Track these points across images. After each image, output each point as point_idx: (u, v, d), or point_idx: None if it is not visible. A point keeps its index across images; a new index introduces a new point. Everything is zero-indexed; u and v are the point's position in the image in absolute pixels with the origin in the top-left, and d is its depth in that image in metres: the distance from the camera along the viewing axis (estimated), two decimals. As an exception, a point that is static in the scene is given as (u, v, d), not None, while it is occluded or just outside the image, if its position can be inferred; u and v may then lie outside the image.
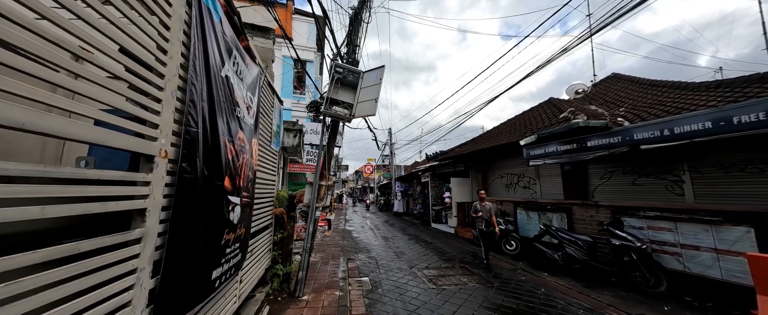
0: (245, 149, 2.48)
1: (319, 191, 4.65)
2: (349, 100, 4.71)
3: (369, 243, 9.25)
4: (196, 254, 1.68)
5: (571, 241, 5.30)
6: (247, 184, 2.61)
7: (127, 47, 1.21)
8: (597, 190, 6.73)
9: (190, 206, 1.61)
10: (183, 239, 1.56)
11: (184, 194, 1.56)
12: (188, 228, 1.60)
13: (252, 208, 2.90)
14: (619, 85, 9.61)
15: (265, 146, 3.87)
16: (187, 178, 1.57)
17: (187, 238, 1.59)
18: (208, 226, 1.81)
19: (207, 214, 1.79)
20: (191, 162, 1.61)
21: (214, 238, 1.92)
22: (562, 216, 6.44)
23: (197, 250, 1.70)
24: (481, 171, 11.29)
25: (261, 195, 3.80)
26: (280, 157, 5.02)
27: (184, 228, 1.56)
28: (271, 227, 4.50)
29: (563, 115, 7.35)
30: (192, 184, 1.62)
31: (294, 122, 5.13)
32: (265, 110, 3.89)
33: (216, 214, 1.92)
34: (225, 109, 2.01)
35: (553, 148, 6.41)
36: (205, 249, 1.78)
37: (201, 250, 1.74)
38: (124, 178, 1.21)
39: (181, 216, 1.54)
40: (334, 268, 6.03)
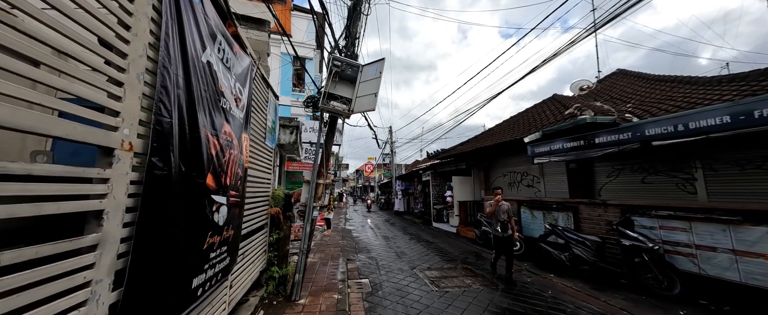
0: (233, 144, 2.28)
1: (317, 190, 4.46)
2: (348, 94, 4.51)
3: (369, 243, 9.07)
4: (171, 261, 1.49)
5: (579, 241, 5.11)
6: (236, 182, 2.41)
7: (78, 20, 1.01)
8: (603, 188, 6.53)
9: (163, 207, 1.41)
10: (154, 245, 1.36)
11: (155, 193, 1.36)
12: (160, 232, 1.40)
13: (242, 208, 2.70)
14: (625, 81, 9.38)
15: (258, 142, 3.68)
16: (158, 175, 1.37)
17: (158, 243, 1.39)
18: (186, 229, 1.61)
19: (185, 216, 1.59)
20: (164, 156, 1.41)
21: (195, 242, 1.73)
22: (568, 215, 6.24)
23: (173, 256, 1.50)
24: (484, 169, 11.09)
25: (254, 194, 3.60)
26: (276, 155, 4.82)
27: (154, 232, 1.36)
28: (266, 228, 4.31)
29: (569, 111, 7.14)
30: (165, 181, 1.42)
31: (291, 118, 4.93)
32: (259, 105, 3.69)
33: (196, 215, 1.72)
34: (207, 98, 1.81)
35: (559, 146, 6.19)
36: (182, 254, 1.59)
37: (177, 256, 1.54)
38: (73, 175, 1.01)
39: (151, 218, 1.34)
40: (333, 269, 5.84)
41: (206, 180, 1.79)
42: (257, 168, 3.67)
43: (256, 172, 3.60)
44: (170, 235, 1.47)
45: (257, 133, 3.63)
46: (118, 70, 1.18)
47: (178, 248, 1.54)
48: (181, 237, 1.56)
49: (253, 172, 3.49)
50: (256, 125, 3.57)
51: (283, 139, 4.82)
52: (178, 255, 1.55)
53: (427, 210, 15.11)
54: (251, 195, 3.49)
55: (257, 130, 3.63)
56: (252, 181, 3.44)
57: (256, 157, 3.59)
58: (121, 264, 1.22)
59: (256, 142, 3.56)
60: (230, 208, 2.25)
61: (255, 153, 3.54)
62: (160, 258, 1.41)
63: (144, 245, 1.30)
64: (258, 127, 3.67)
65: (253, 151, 3.46)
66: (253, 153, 3.46)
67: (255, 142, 3.53)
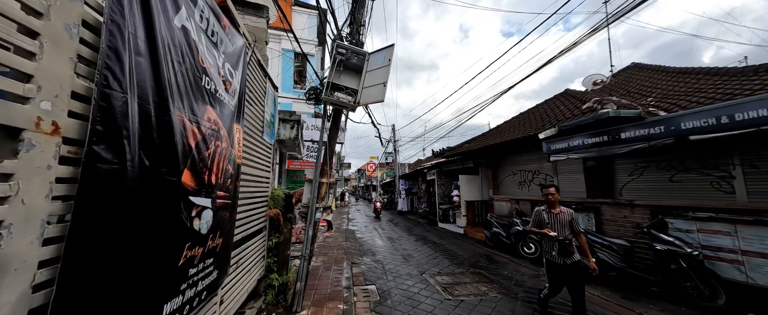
0: (220, 135, 1.90)
1: (320, 189, 4.07)
2: (354, 85, 4.11)
3: (374, 245, 8.68)
4: (123, 287, 1.10)
5: (605, 245, 4.70)
6: (226, 181, 2.03)
7: None
8: (625, 187, 6.10)
9: (112, 214, 1.03)
10: (96, 267, 0.98)
11: (99, 195, 0.98)
12: (107, 249, 1.02)
13: (235, 210, 2.32)
14: (642, 75, 8.94)
15: (254, 137, 3.30)
16: (104, 171, 0.99)
17: (104, 264, 1.01)
18: (151, 243, 1.23)
19: (149, 225, 1.21)
20: (114, 145, 1.02)
21: (166, 259, 1.34)
22: (589, 216, 5.83)
23: (127, 281, 1.12)
24: (492, 168, 10.69)
25: (250, 194, 3.22)
26: (276, 152, 4.44)
27: (97, 250, 0.98)
28: (265, 231, 3.94)
29: (587, 105, 6.71)
30: (116, 179, 1.03)
31: (291, 112, 4.55)
32: (255, 94, 3.30)
33: (167, 223, 1.34)
34: (182, 74, 1.42)
35: (578, 142, 5.78)
36: (145, 277, 1.20)
37: (136, 280, 1.16)
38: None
39: (92, 231, 0.96)
40: (337, 274, 5.46)
41: (182, 177, 1.41)
42: (253, 165, 3.29)
43: (251, 170, 3.22)
44: (124, 252, 1.09)
45: (253, 126, 3.25)
46: (30, 13, 0.79)
47: (136, 269, 1.15)
48: (142, 254, 1.18)
49: (249, 169, 3.10)
50: (251, 117, 3.19)
51: (283, 134, 4.43)
52: (138, 278, 1.16)
53: (432, 210, 14.71)
54: (247, 195, 3.11)
55: (253, 123, 3.25)
56: (247, 179, 3.06)
57: (251, 152, 3.20)
58: (40, 299, 0.84)
59: (251, 136, 3.17)
60: (218, 211, 1.87)
61: (250, 148, 3.16)
62: (107, 284, 1.03)
63: (78, 269, 0.92)
64: (254, 119, 3.29)
65: (248, 145, 3.08)
66: (248, 148, 3.07)
67: (250, 135, 3.15)
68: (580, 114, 6.59)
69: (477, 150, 10.08)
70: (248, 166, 3.10)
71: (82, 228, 0.93)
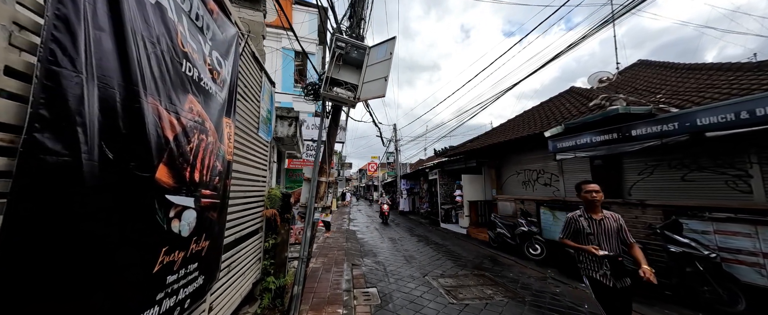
0: (206, 129, 1.73)
1: (319, 189, 3.91)
2: (354, 80, 3.95)
3: (375, 245, 8.52)
4: (79, 300, 0.94)
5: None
6: (213, 178, 1.87)
7: None
8: (634, 187, 5.91)
9: (60, 215, 0.86)
10: (38, 279, 0.81)
11: (42, 195, 0.81)
12: (55, 258, 0.85)
13: (224, 211, 2.15)
14: (650, 72, 8.74)
15: (249, 133, 3.13)
16: (50, 163, 0.82)
17: (49, 276, 0.84)
18: (114, 248, 1.06)
19: (112, 228, 1.05)
20: (63, 133, 0.86)
21: (135, 266, 1.18)
22: None
23: (82, 293, 0.95)
24: (495, 167, 10.49)
25: (244, 194, 3.06)
26: (273, 150, 4.28)
27: (40, 261, 0.82)
28: (261, 232, 3.78)
29: (595, 102, 6.52)
30: (66, 175, 0.87)
31: (289, 109, 4.38)
32: (250, 89, 3.14)
33: (138, 225, 1.17)
34: (157, 56, 1.26)
35: (586, 140, 5.59)
36: (107, 288, 1.04)
37: (94, 292, 0.99)
38: None
39: (33, 238, 0.79)
40: (337, 276, 5.30)
41: (156, 173, 1.24)
42: (248, 163, 3.13)
43: (246, 168, 3.06)
44: (78, 259, 0.92)
45: (248, 122, 3.09)
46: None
47: (96, 280, 0.99)
48: (103, 262, 1.01)
49: (242, 167, 2.94)
50: (245, 113, 3.03)
51: (280, 131, 4.27)
52: (97, 291, 1.00)
53: (434, 210, 14.53)
54: (241, 195, 2.95)
55: (248, 119, 3.09)
56: (240, 178, 2.90)
57: (246, 149, 3.04)
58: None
59: (245, 132, 3.01)
60: (203, 212, 1.70)
61: (244, 145, 3.00)
62: (57, 296, 0.86)
63: (21, 283, 0.75)
64: (249, 115, 3.13)
65: (242, 142, 2.91)
66: (242, 144, 2.91)
67: (244, 132, 2.99)
68: (588, 111, 6.40)
69: (480, 149, 9.89)
70: (242, 163, 2.94)
71: (18, 230, 0.76)
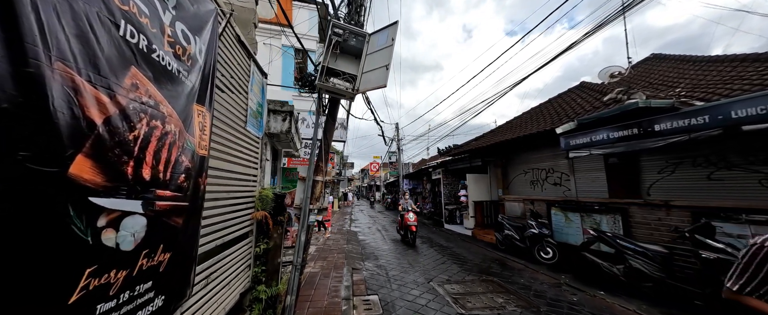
0: (163, 115, 1.40)
1: (314, 189, 3.58)
2: (352, 70, 3.61)
3: (377, 247, 8.18)
4: None
5: (638, 251, 4.13)
6: (177, 176, 1.54)
7: None
8: (654, 186, 5.51)
9: None
10: None
11: None
12: None
13: (195, 215, 1.83)
14: (665, 66, 8.33)
15: (235, 127, 2.81)
16: None
17: None
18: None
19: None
20: None
21: (38, 297, 0.85)
22: (615, 218, 5.26)
23: None
24: (501, 166, 10.11)
25: (230, 194, 2.74)
26: (266, 147, 3.96)
27: None
28: (251, 236, 3.45)
29: (610, 96, 6.14)
30: None
31: (283, 103, 4.06)
32: (235, 78, 2.82)
33: (39, 240, 0.84)
34: (69, 7, 0.93)
35: (603, 136, 5.21)
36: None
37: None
38: None
39: None
40: (336, 282, 4.97)
41: (69, 168, 0.91)
42: (234, 160, 2.81)
43: (230, 166, 2.73)
44: None
45: (232, 114, 2.76)
46: None
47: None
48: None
49: (225, 164, 2.61)
50: (230, 104, 2.70)
51: (273, 127, 3.95)
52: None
53: (438, 210, 14.18)
54: (225, 196, 2.62)
55: (232, 111, 2.76)
56: (223, 176, 2.57)
57: (231, 145, 2.72)
58: None
59: (230, 126, 2.69)
60: (159, 217, 1.37)
61: (229, 139, 2.67)
62: None
63: None
64: (234, 106, 2.80)
65: (226, 136, 2.59)
66: (225, 139, 2.59)
67: (229, 124, 2.66)
68: (603, 106, 6.02)
69: (486, 147, 9.52)
70: (225, 160, 2.62)
71: None
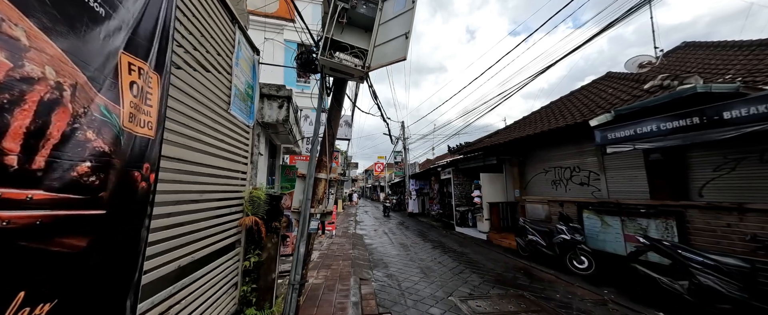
0: (41, 54, 0.74)
1: (316, 188, 2.92)
2: (362, 44, 2.95)
3: (385, 253, 7.51)
4: None
5: (708, 265, 3.41)
6: (70, 166, 0.88)
7: None
8: (708, 186, 4.78)
9: None
10: None
11: None
12: None
13: (129, 230, 1.17)
14: (701, 53, 7.56)
15: (215, 110, 2.16)
16: None
17: None
18: None
19: None
20: None
21: None
22: (668, 224, 4.52)
23: None
24: (518, 165, 9.39)
25: (205, 195, 2.08)
26: (258, 138, 3.31)
27: None
28: (239, 247, 2.80)
29: (653, 83, 5.40)
30: None
31: (279, 86, 3.41)
32: (213, 45, 2.17)
33: None
34: None
35: (651, 128, 4.49)
36: None
37: None
38: None
39: None
40: (342, 297, 4.30)
41: None
42: (210, 150, 2.16)
43: (204, 158, 2.08)
44: None
45: (208, 90, 2.12)
46: None
47: None
48: None
49: (194, 155, 1.96)
50: (208, 82, 2.06)
51: (268, 115, 3.30)
52: None
53: (447, 212, 13.46)
54: (194, 197, 1.97)
55: (207, 86, 2.11)
56: (191, 172, 1.92)
57: (204, 131, 2.07)
58: None
59: (204, 105, 2.04)
60: (12, 240, 0.72)
61: (201, 123, 2.02)
62: None
63: None
64: (211, 82, 2.16)
65: (195, 118, 1.94)
66: (194, 121, 1.94)
67: (200, 102, 2.01)
68: (646, 94, 5.28)
69: (502, 144, 8.81)
70: (196, 150, 1.97)
71: None
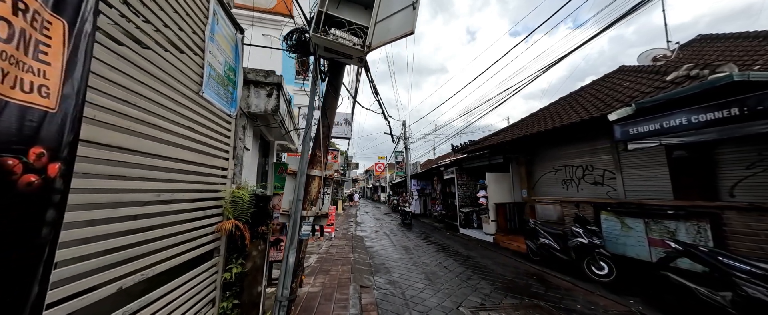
0: None
1: (309, 187, 2.52)
2: (362, 20, 2.55)
3: (387, 256, 7.10)
4: None
5: (756, 274, 2.99)
6: None
7: None
8: (739, 185, 4.36)
9: None
10: None
11: None
12: None
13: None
14: (720, 45, 7.15)
15: (182, 92, 1.76)
16: None
17: None
18: None
19: None
20: None
21: None
22: (701, 227, 4.11)
23: None
24: (526, 163, 8.98)
25: (167, 196, 1.68)
26: (244, 130, 2.90)
27: None
28: (218, 257, 2.40)
29: (676, 74, 4.99)
30: None
31: (267, 72, 3.01)
32: (180, 11, 1.77)
33: None
34: None
35: (681, 120, 4.08)
36: None
37: None
38: None
39: None
40: (340, 308, 3.89)
41: None
42: (173, 139, 1.75)
43: (164, 149, 1.67)
44: None
45: (170, 66, 1.71)
46: None
47: None
48: None
49: (159, 146, 1.56)
50: (168, 56, 1.65)
51: (255, 104, 2.90)
52: None
53: (450, 213, 13.05)
54: (149, 198, 1.57)
55: (172, 65, 1.71)
56: (142, 165, 1.52)
57: (164, 115, 1.66)
58: None
59: (164, 83, 1.64)
60: None
61: (159, 105, 1.62)
62: None
63: None
64: (176, 59, 1.75)
65: (150, 98, 1.53)
66: (148, 102, 1.53)
67: (159, 79, 1.61)
68: (671, 85, 4.87)
69: (508, 142, 8.40)
70: (152, 138, 1.56)
71: None
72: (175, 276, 1.86)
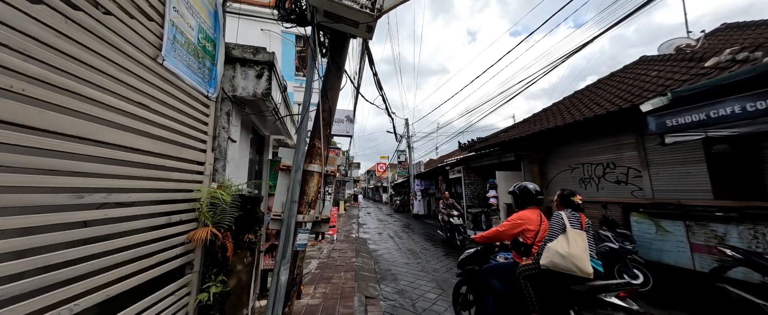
0: None
1: (306, 186, 2.03)
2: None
3: (393, 261, 6.61)
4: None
5: None
6: None
7: None
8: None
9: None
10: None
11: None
12: None
13: None
14: (750, 33, 6.71)
15: (123, 51, 1.26)
16: None
17: None
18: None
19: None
20: None
21: None
22: (756, 231, 3.60)
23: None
24: (538, 161, 8.48)
25: (97, 197, 1.18)
26: (228, 117, 2.41)
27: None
28: (191, 274, 1.91)
29: (717, 59, 4.47)
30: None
31: (256, 48, 2.52)
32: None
33: None
34: None
35: (733, 109, 3.57)
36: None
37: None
38: None
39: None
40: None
41: None
42: (114, 121, 1.26)
43: (96, 131, 1.18)
44: None
45: (122, 27, 1.22)
46: None
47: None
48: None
49: (73, 124, 1.06)
50: (113, 8, 1.16)
51: (242, 86, 2.41)
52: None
53: (456, 213, 12.52)
54: (68, 202, 1.07)
55: (121, 21, 1.22)
56: (63, 152, 1.02)
57: (92, 81, 1.16)
58: None
59: (101, 40, 1.14)
60: None
61: (79, 63, 1.12)
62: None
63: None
64: (124, 14, 1.26)
65: (66, 56, 1.03)
66: (62, 57, 1.03)
67: (93, 34, 1.11)
68: (714, 71, 4.36)
69: (521, 138, 7.90)
70: (81, 115, 1.07)
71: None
72: (131, 302, 1.37)
